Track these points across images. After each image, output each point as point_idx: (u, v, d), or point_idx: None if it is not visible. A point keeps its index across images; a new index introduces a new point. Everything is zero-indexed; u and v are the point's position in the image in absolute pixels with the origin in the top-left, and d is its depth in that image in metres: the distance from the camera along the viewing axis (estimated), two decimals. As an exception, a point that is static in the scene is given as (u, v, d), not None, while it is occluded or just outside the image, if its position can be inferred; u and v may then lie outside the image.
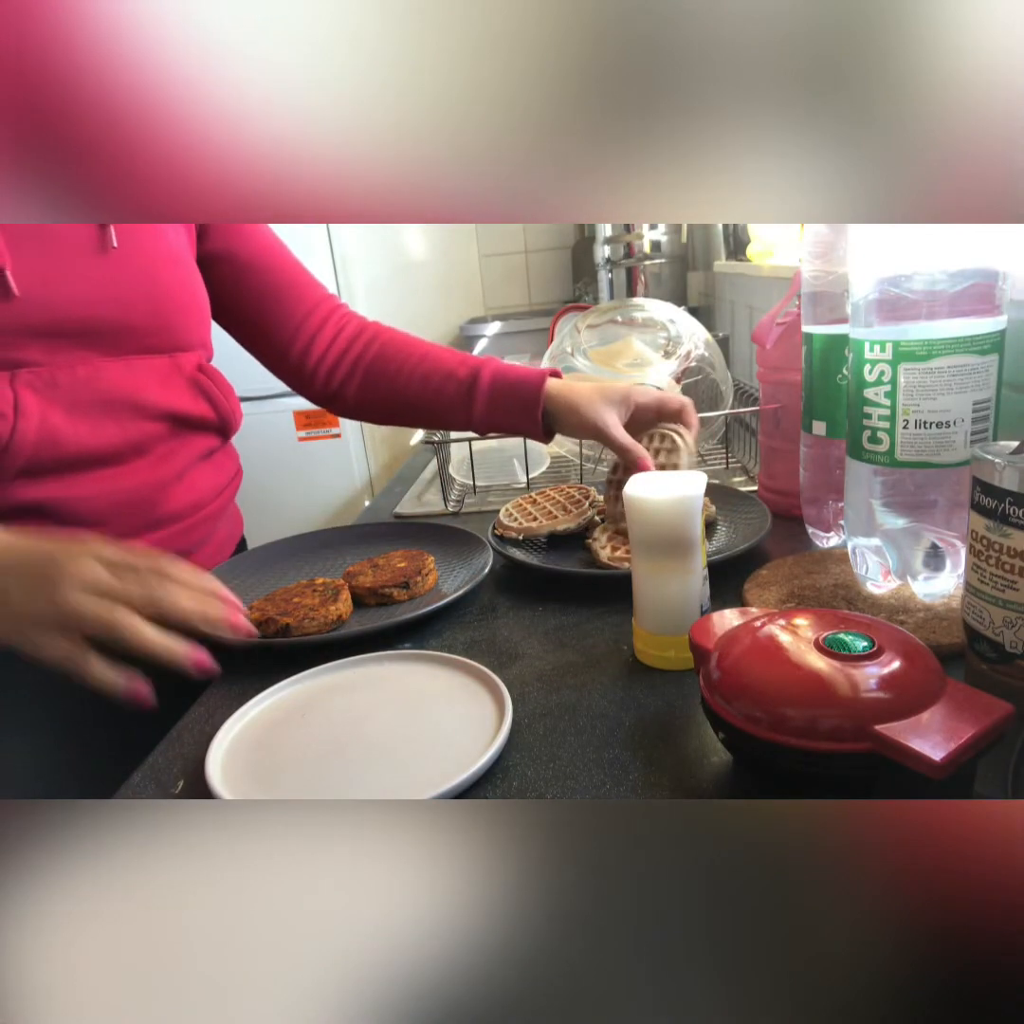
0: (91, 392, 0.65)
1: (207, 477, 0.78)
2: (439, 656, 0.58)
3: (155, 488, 0.71)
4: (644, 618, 0.56)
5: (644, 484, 0.54)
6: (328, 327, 0.84)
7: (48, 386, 0.63)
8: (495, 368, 0.79)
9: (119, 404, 0.67)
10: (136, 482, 0.69)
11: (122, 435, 0.67)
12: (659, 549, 0.54)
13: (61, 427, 0.63)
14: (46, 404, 0.62)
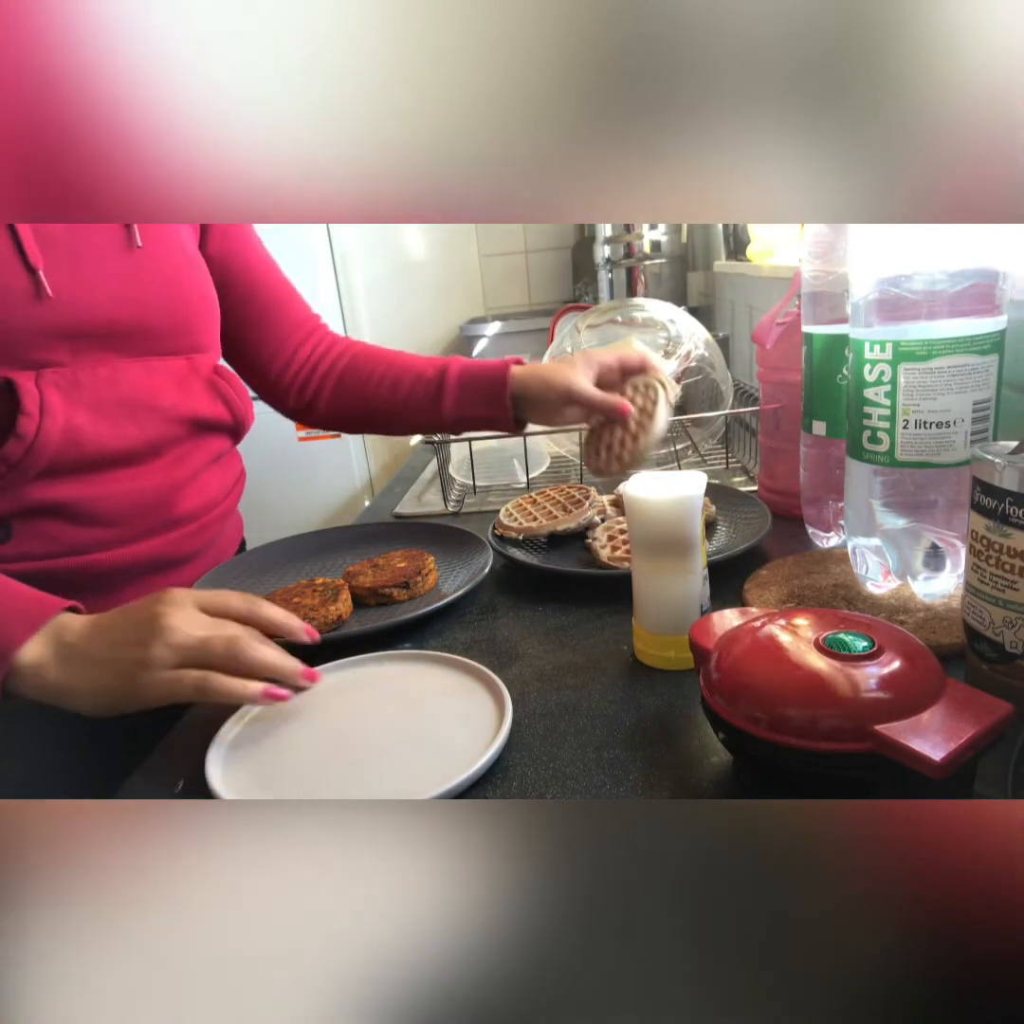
0: (112, 393, 0.66)
1: (217, 478, 0.79)
2: (439, 656, 0.58)
3: (170, 489, 0.71)
4: (644, 618, 0.56)
5: (644, 484, 0.54)
6: (307, 346, 0.85)
7: (72, 386, 0.63)
8: (462, 363, 0.80)
9: (138, 405, 0.68)
10: (152, 483, 0.70)
11: (141, 436, 0.68)
12: (659, 549, 0.54)
13: (84, 427, 0.64)
14: (70, 404, 0.63)
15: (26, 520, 0.64)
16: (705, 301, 1.87)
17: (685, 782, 0.44)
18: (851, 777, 0.37)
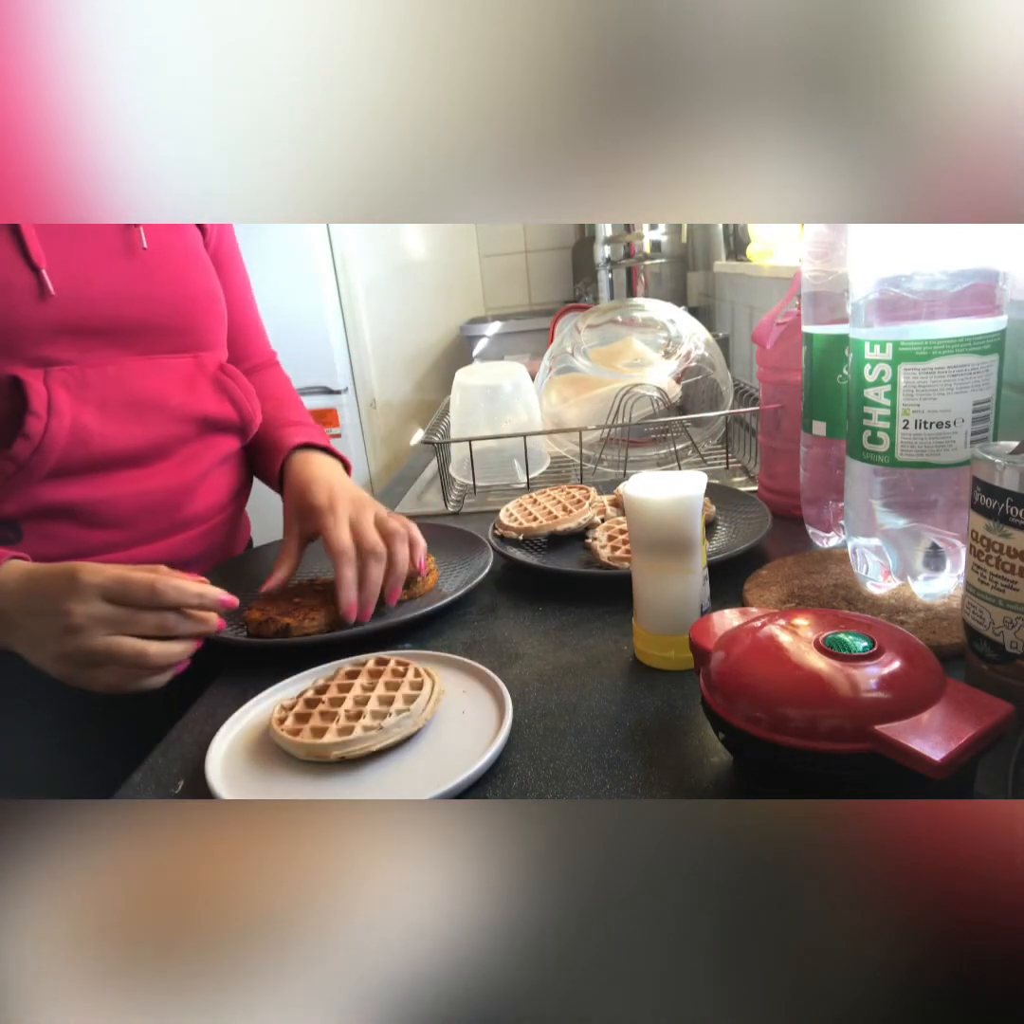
0: (120, 392, 0.66)
1: (226, 480, 0.79)
2: (439, 656, 0.58)
3: (180, 491, 0.71)
4: (644, 618, 0.56)
5: (644, 484, 0.54)
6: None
7: (80, 385, 0.63)
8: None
9: (146, 405, 0.68)
10: (161, 484, 0.70)
11: (148, 437, 0.68)
12: (659, 549, 0.54)
13: (91, 427, 0.64)
14: (78, 403, 0.63)
15: (36, 522, 0.64)
16: (705, 301, 1.87)
17: (685, 782, 0.44)
18: (851, 777, 0.37)
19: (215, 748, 0.50)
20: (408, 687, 0.52)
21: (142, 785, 0.49)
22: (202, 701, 0.59)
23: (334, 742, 0.47)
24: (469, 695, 0.53)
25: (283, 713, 0.51)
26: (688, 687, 0.53)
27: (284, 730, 0.49)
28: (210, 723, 0.54)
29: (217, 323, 0.76)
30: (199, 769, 0.48)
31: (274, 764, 0.49)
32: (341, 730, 0.48)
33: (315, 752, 0.47)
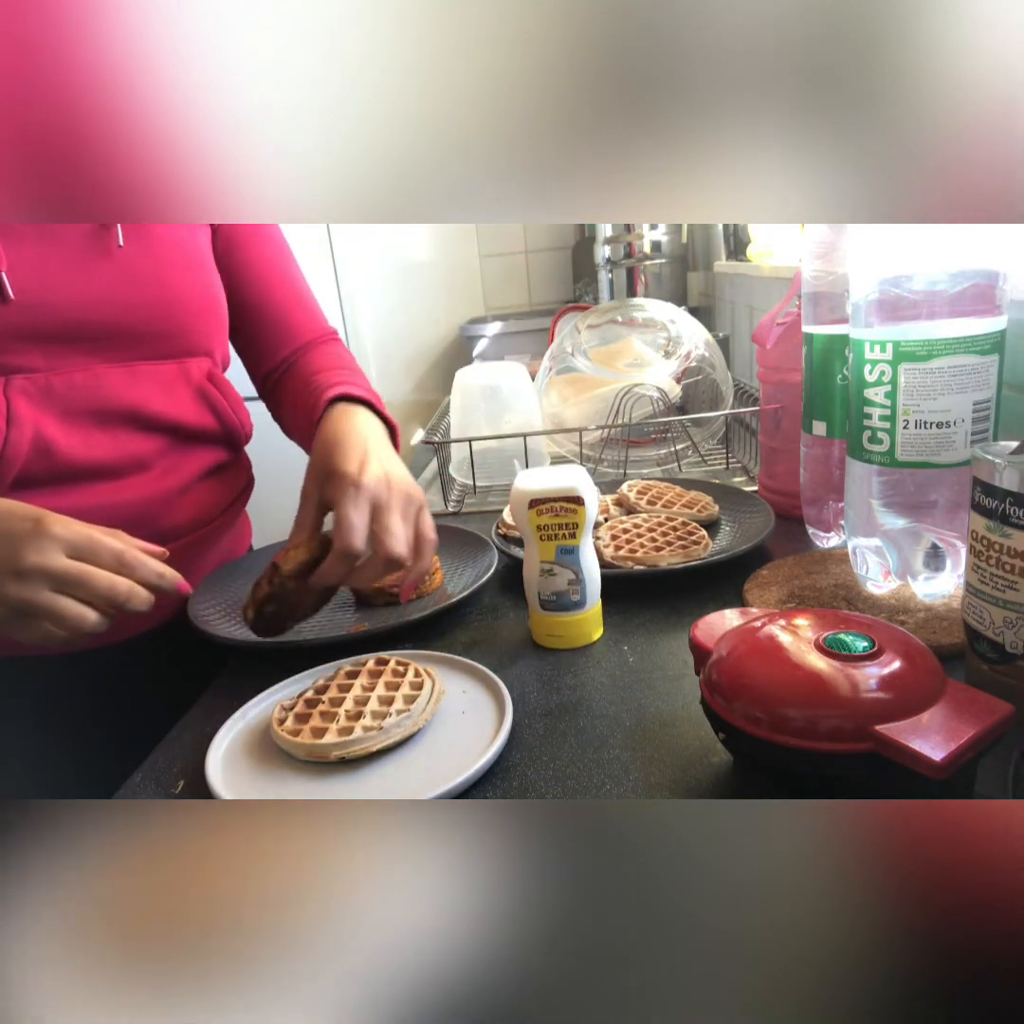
0: (87, 401, 0.63)
1: (213, 492, 0.75)
2: (439, 656, 0.58)
3: (157, 503, 0.68)
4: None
5: (528, 477, 0.60)
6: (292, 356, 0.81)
7: (43, 393, 0.60)
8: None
9: (116, 415, 0.64)
10: (135, 497, 0.66)
11: (117, 448, 0.65)
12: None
13: (54, 438, 0.61)
14: (39, 413, 0.60)
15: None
16: (705, 301, 1.87)
17: (685, 782, 0.44)
18: (851, 777, 0.37)
19: (215, 748, 0.50)
20: (408, 687, 0.52)
21: (142, 785, 0.49)
22: (202, 701, 0.59)
23: (334, 742, 0.47)
24: (469, 695, 0.53)
25: (283, 713, 0.51)
26: (688, 687, 0.53)
27: (284, 730, 0.49)
28: (210, 723, 0.54)
29: (210, 326, 0.72)
30: (199, 769, 0.48)
31: (274, 764, 0.49)
32: (341, 730, 0.48)
33: (315, 752, 0.47)
